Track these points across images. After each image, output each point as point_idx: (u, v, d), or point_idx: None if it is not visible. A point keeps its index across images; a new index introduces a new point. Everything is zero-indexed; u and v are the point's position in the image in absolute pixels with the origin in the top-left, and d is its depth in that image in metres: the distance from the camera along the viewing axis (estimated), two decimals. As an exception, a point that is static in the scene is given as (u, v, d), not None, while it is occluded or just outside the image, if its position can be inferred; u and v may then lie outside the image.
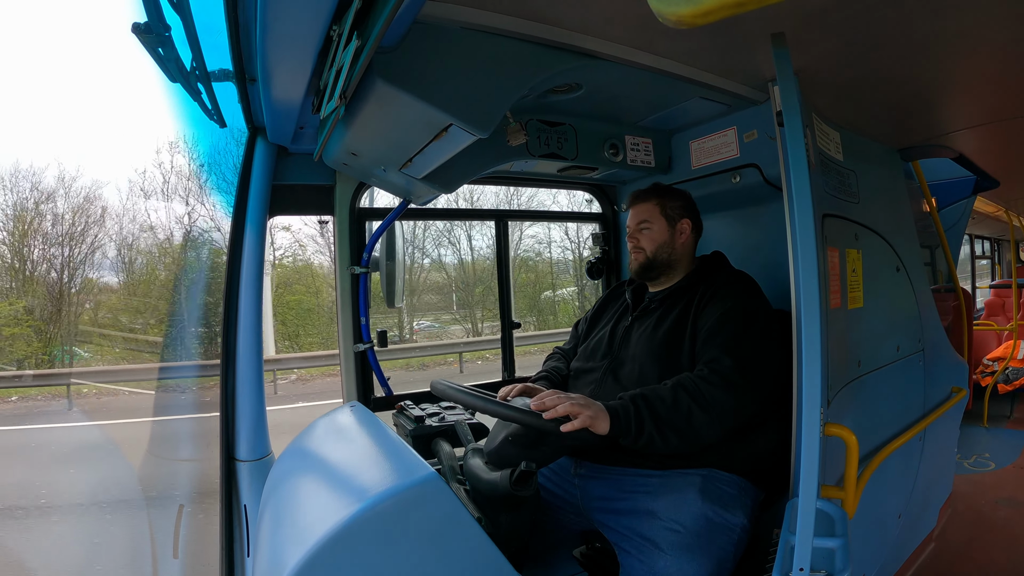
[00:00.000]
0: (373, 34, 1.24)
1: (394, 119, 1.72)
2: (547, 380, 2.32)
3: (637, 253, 2.22)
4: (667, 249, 2.19)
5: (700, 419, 1.75)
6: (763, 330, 1.91)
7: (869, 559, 2.19)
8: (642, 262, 2.20)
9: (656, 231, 2.19)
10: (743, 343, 1.85)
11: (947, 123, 2.62)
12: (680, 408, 1.75)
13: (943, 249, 3.91)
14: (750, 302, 1.99)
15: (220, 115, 2.12)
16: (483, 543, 1.46)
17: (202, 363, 11.12)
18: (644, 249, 2.20)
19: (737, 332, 1.88)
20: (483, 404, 1.77)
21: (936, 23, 1.62)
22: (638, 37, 1.78)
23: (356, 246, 2.63)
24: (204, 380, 9.80)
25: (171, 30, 1.50)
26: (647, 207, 2.22)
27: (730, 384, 1.78)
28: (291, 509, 1.68)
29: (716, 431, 1.77)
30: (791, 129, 1.60)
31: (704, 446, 1.82)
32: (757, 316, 1.94)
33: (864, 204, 2.21)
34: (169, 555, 3.79)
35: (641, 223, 2.22)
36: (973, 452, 4.75)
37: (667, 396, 1.77)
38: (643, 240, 2.20)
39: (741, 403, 1.79)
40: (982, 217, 6.53)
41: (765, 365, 1.85)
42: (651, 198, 2.23)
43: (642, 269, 2.21)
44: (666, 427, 1.73)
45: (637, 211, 2.24)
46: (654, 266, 2.19)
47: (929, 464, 2.70)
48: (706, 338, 1.92)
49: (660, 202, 2.22)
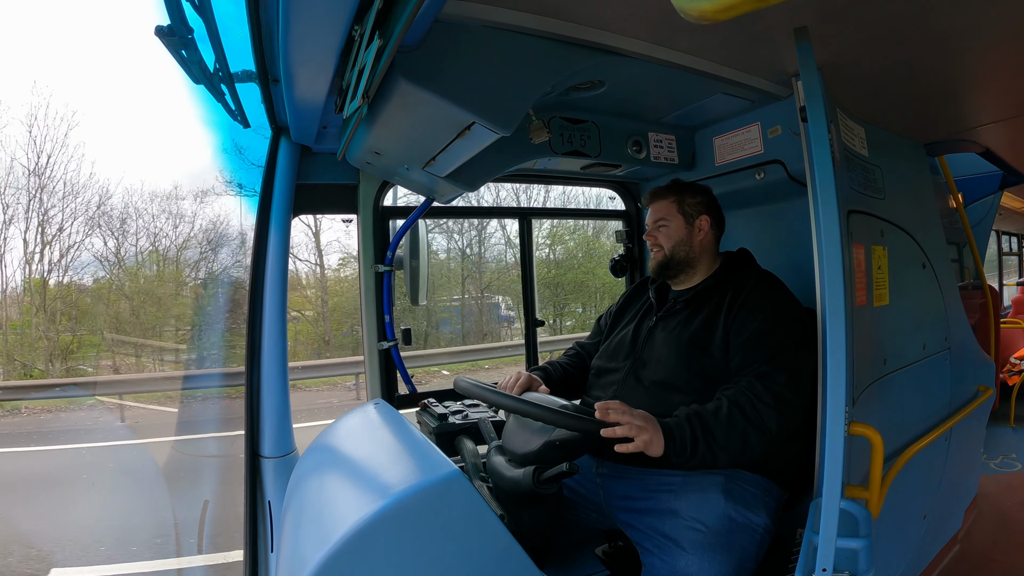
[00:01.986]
0: (395, 33, 1.25)
1: (417, 118, 1.72)
2: (544, 372, 2.31)
3: (655, 251, 2.20)
4: (685, 247, 2.17)
5: (754, 439, 1.74)
6: (803, 339, 1.88)
7: (893, 560, 2.16)
8: (660, 260, 2.19)
9: (673, 228, 2.17)
10: (788, 356, 1.84)
11: (973, 117, 2.57)
12: (736, 429, 1.74)
13: (970, 246, 3.85)
14: (789, 310, 1.98)
15: (244, 115, 2.15)
16: (506, 541, 1.47)
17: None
18: (662, 247, 2.18)
19: (781, 343, 1.86)
20: (509, 402, 1.77)
21: (960, 15, 1.59)
22: (660, 33, 1.77)
23: (380, 244, 2.65)
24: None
25: (194, 32, 1.52)
26: (664, 204, 2.21)
27: (783, 402, 1.77)
28: (315, 505, 1.70)
29: (769, 447, 1.78)
30: (815, 124, 1.59)
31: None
32: (798, 325, 1.92)
33: (890, 200, 2.18)
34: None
35: (658, 220, 2.20)
36: (999, 452, 4.67)
37: (724, 417, 1.75)
38: (660, 238, 2.19)
39: (792, 420, 1.79)
40: (1009, 213, 6.41)
41: (808, 376, 1.83)
42: (668, 195, 2.21)
43: (660, 267, 2.19)
44: (718, 447, 1.72)
45: (654, 208, 2.23)
46: (672, 264, 2.17)
47: (955, 464, 2.66)
48: (748, 347, 1.89)
49: (678, 199, 2.20)
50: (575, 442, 1.69)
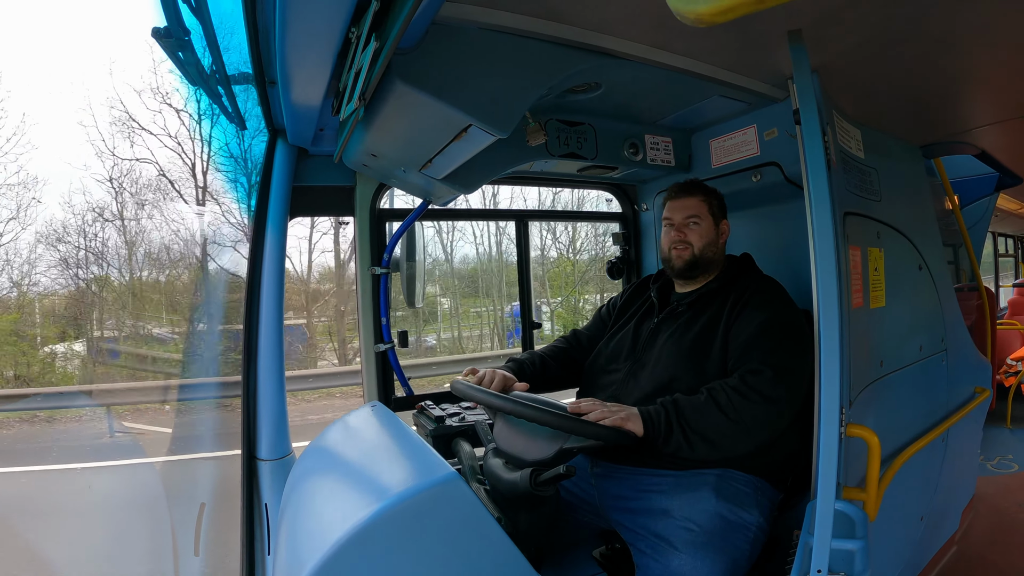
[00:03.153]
0: (391, 36, 1.25)
1: (413, 120, 1.73)
2: (517, 365, 2.23)
3: (682, 249, 2.15)
4: (712, 248, 2.15)
5: (727, 429, 1.74)
6: (800, 342, 1.88)
7: (890, 561, 2.16)
8: (688, 259, 2.14)
9: (705, 227, 2.15)
10: (780, 355, 1.84)
11: (969, 119, 2.58)
12: (709, 417, 1.74)
13: (966, 247, 3.86)
14: (787, 313, 1.98)
15: (240, 118, 2.15)
16: (503, 543, 1.46)
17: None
18: (692, 244, 2.13)
19: (775, 344, 1.86)
20: (505, 404, 1.77)
21: (956, 17, 1.60)
22: (656, 36, 1.77)
23: (377, 247, 2.64)
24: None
25: (191, 34, 1.52)
26: (695, 202, 2.17)
27: (765, 397, 1.76)
28: (311, 508, 1.70)
29: (747, 443, 1.77)
30: (809, 126, 1.60)
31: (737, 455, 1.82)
32: (793, 328, 1.93)
33: (886, 202, 2.18)
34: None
35: (690, 217, 2.15)
36: (996, 454, 4.67)
37: (699, 405, 1.76)
38: (691, 235, 2.14)
39: (775, 416, 1.78)
40: (1005, 214, 6.44)
41: (801, 378, 1.82)
42: (698, 193, 2.19)
43: (688, 266, 2.14)
44: (693, 434, 1.73)
45: (684, 205, 2.18)
46: (699, 263, 2.14)
47: (952, 465, 2.66)
48: (743, 349, 1.90)
49: (707, 199, 2.18)
50: (589, 449, 1.69)
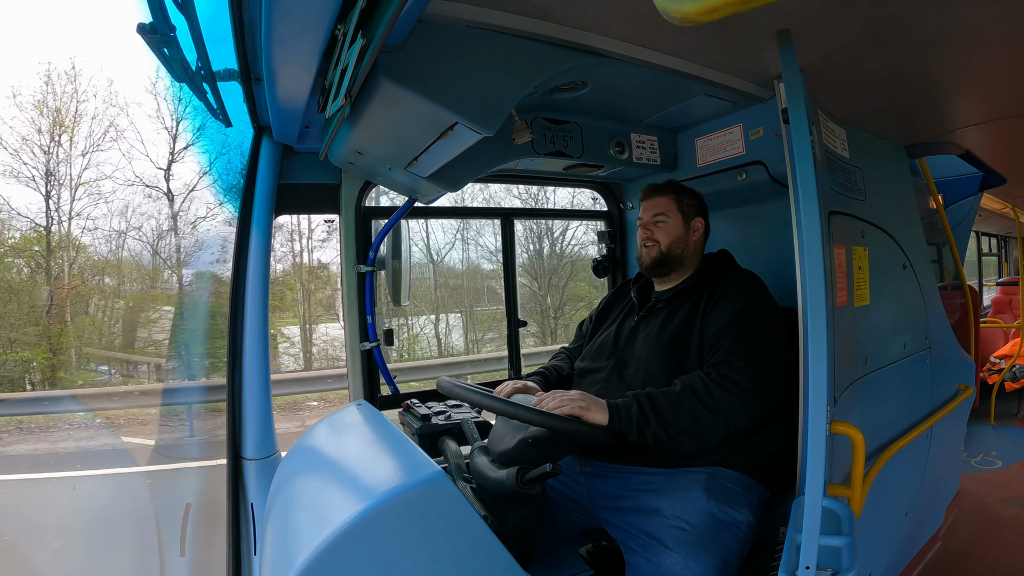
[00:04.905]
0: (378, 33, 1.24)
1: (399, 118, 1.72)
2: (542, 377, 2.32)
3: (650, 246, 2.19)
4: (680, 245, 2.18)
5: (706, 420, 1.75)
6: (772, 331, 1.91)
7: (876, 557, 2.18)
8: (655, 256, 2.18)
9: (671, 225, 2.18)
10: (752, 345, 1.85)
11: (954, 120, 2.60)
12: (686, 409, 1.75)
13: (950, 246, 3.89)
14: (758, 303, 1.99)
15: (226, 114, 2.13)
16: (489, 541, 1.46)
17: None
18: (658, 242, 2.18)
19: (746, 334, 1.88)
20: (489, 402, 1.77)
21: (942, 19, 1.61)
22: (643, 35, 1.78)
23: (362, 245, 2.64)
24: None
25: (176, 30, 1.50)
26: (663, 200, 2.22)
27: (738, 386, 1.78)
28: (298, 507, 1.69)
29: (723, 433, 1.78)
30: (796, 126, 1.60)
31: (712, 447, 1.82)
32: (765, 317, 1.94)
33: (871, 201, 2.20)
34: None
35: (657, 215, 2.20)
36: (980, 450, 4.72)
37: (674, 396, 1.78)
38: (658, 233, 2.19)
39: (750, 405, 1.79)
40: (989, 214, 6.48)
41: (774, 367, 1.85)
42: (667, 192, 2.23)
43: (654, 264, 2.19)
44: (671, 427, 1.74)
45: (652, 204, 2.23)
46: (667, 261, 2.18)
47: (936, 462, 2.69)
48: (715, 340, 1.92)
49: (676, 197, 2.22)
50: (546, 439, 1.70)
